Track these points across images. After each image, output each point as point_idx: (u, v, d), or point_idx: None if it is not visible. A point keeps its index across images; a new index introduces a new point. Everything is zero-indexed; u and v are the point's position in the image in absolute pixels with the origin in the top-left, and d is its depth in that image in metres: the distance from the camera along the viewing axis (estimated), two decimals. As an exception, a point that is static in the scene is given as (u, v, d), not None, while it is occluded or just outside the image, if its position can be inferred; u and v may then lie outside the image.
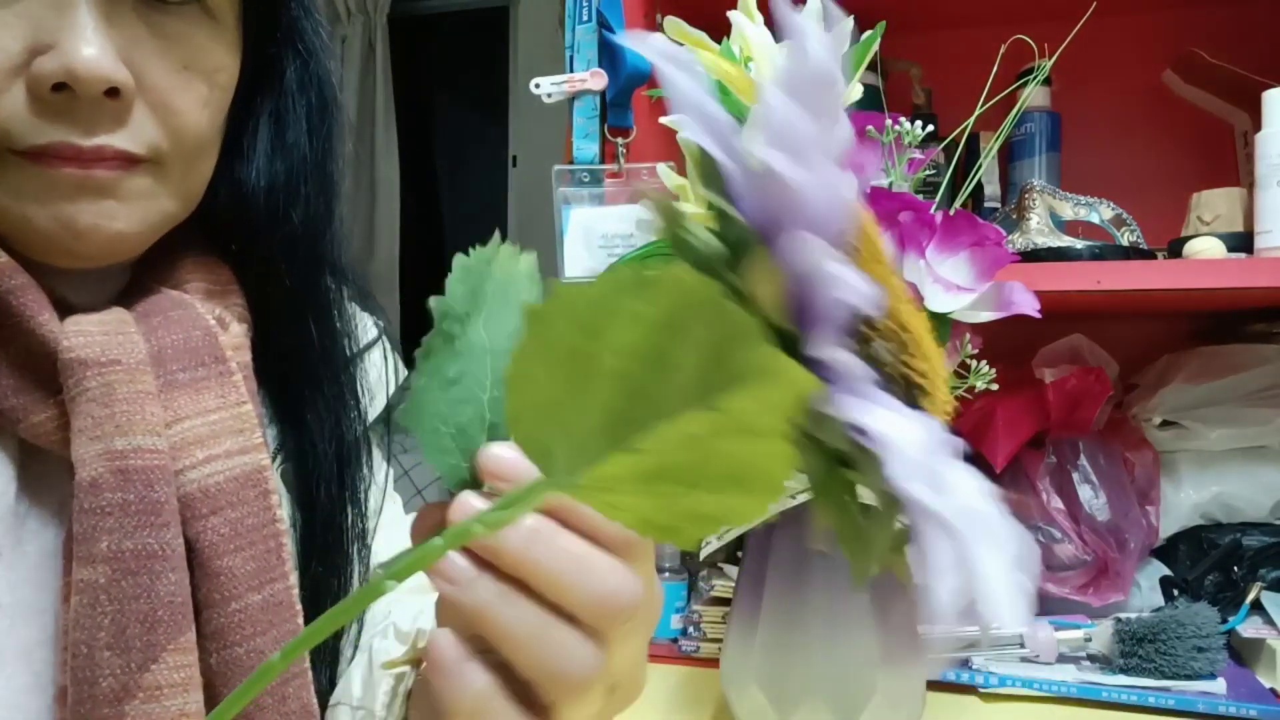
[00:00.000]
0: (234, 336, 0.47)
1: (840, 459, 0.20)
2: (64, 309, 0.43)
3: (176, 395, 0.43)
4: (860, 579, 0.22)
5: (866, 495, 0.21)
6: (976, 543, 0.19)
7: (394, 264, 3.10)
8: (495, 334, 0.28)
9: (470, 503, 0.27)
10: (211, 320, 0.46)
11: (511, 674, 0.28)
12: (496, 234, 0.29)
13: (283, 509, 0.45)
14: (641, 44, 0.21)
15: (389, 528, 0.60)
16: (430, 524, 0.28)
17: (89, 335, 0.41)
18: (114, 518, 0.39)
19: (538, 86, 0.81)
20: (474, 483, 0.28)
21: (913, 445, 0.18)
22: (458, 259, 0.29)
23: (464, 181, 3.29)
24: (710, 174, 0.21)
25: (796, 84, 0.19)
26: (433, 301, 0.28)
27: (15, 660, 0.40)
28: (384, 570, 0.21)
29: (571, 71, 0.81)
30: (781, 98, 0.19)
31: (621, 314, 0.17)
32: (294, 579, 0.44)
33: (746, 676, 0.58)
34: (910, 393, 0.21)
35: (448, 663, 0.28)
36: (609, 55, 0.80)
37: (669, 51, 0.20)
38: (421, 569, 0.23)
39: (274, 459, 0.50)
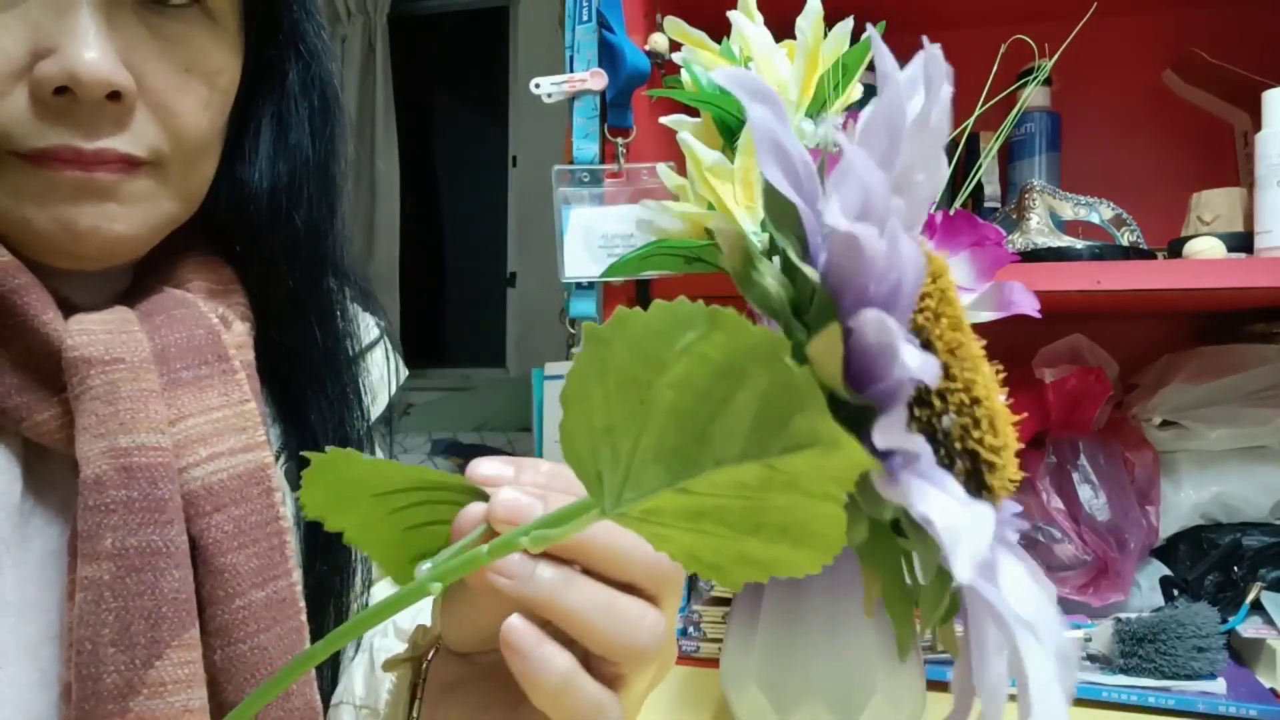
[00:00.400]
0: (237, 335, 0.47)
1: (893, 525, 0.20)
2: (67, 309, 0.43)
3: (180, 393, 0.43)
4: (905, 648, 0.21)
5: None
6: (1027, 640, 0.18)
7: (394, 264, 3.10)
8: None
9: (509, 498, 0.27)
10: (214, 319, 0.46)
11: (576, 653, 0.29)
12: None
13: (286, 507, 0.45)
14: (720, 73, 0.19)
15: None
16: (471, 524, 0.28)
17: (92, 334, 0.41)
18: (118, 515, 0.39)
19: (538, 86, 0.81)
20: None
21: (974, 539, 0.17)
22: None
23: (464, 181, 3.29)
24: (782, 217, 0.19)
25: (880, 138, 0.18)
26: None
27: (21, 657, 0.40)
28: (429, 572, 0.21)
29: (571, 71, 0.81)
30: (862, 156, 0.17)
31: (682, 349, 0.17)
32: (297, 576, 0.44)
33: (746, 676, 0.58)
34: (975, 467, 0.20)
35: (528, 647, 0.28)
36: (609, 55, 0.80)
37: (748, 82, 0.18)
38: (466, 574, 0.23)
39: (277, 458, 0.50)
